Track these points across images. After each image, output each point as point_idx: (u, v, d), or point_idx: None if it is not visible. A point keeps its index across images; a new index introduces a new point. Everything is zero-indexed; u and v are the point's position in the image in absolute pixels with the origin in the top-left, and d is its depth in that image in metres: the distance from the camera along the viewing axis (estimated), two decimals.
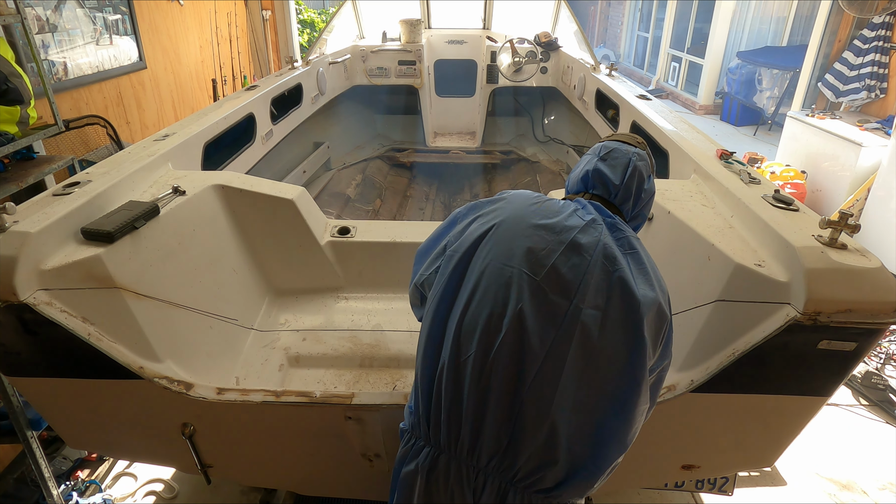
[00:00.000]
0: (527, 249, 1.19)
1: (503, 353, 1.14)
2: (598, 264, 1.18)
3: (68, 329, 1.49)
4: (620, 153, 1.39)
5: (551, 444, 1.13)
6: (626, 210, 1.38)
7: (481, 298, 1.18)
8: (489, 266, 1.20)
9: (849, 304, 1.34)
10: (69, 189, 1.81)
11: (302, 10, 9.20)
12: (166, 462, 2.13)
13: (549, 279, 1.16)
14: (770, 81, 8.44)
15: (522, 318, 1.14)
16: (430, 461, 1.23)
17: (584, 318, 1.14)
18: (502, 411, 1.14)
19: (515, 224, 1.24)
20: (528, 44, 5.21)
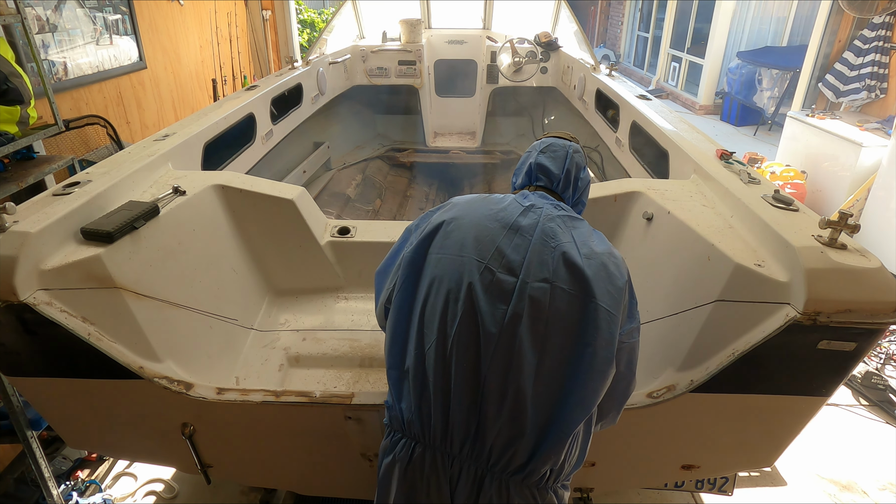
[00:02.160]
0: (474, 238, 1.29)
1: (461, 336, 1.21)
2: (540, 241, 1.28)
3: (68, 329, 1.49)
4: (558, 146, 1.53)
5: (517, 416, 1.19)
6: (567, 197, 1.51)
7: (437, 289, 1.26)
8: (442, 259, 1.29)
9: (849, 304, 1.34)
10: (69, 189, 1.81)
11: (302, 10, 9.20)
12: (166, 462, 2.13)
13: (496, 260, 1.26)
14: (770, 81, 8.44)
15: (474, 300, 1.22)
16: (408, 452, 1.28)
17: (531, 291, 1.22)
18: (467, 394, 1.21)
19: (463, 219, 1.34)
20: (528, 44, 5.21)
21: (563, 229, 1.32)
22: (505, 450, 1.20)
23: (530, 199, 1.40)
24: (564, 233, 1.31)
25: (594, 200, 2.16)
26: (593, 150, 4.41)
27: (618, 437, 1.72)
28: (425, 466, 1.26)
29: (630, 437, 1.71)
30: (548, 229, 1.31)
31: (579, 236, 1.32)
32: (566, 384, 1.20)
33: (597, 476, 1.87)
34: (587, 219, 2.14)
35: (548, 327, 1.21)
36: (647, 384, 1.65)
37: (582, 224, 1.38)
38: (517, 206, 1.37)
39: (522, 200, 1.39)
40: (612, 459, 1.83)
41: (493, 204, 1.38)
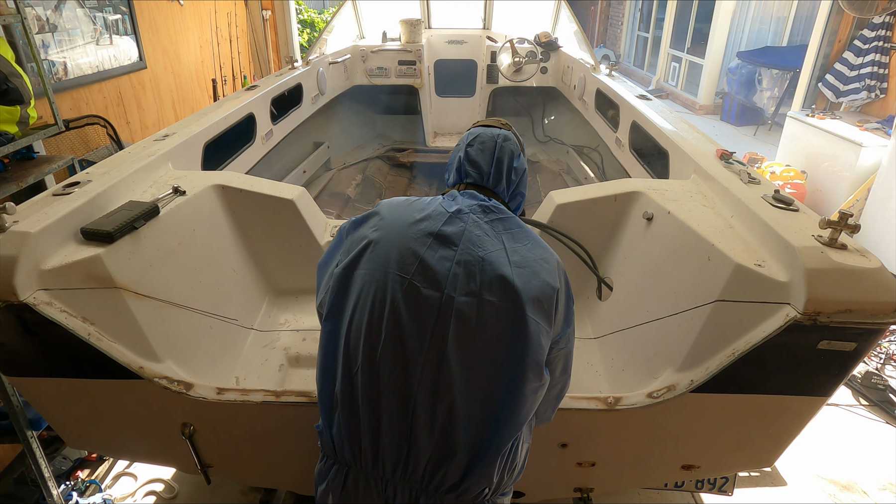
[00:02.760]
0: (398, 252, 1.21)
1: (386, 358, 1.16)
2: (466, 251, 1.20)
3: (68, 329, 1.49)
4: (486, 137, 1.42)
5: (448, 436, 1.15)
6: (501, 191, 1.41)
7: (361, 310, 1.20)
8: (367, 277, 1.21)
9: (849, 304, 1.34)
10: (69, 189, 1.81)
11: (302, 10, 9.20)
12: (166, 462, 2.13)
13: (420, 275, 1.18)
14: (770, 81, 8.44)
15: (399, 319, 1.16)
16: (340, 479, 1.24)
17: (458, 306, 1.16)
18: (397, 416, 1.16)
19: (389, 232, 1.25)
20: (528, 44, 5.21)
21: (491, 236, 1.24)
22: (437, 470, 1.16)
23: (458, 203, 1.30)
24: (493, 240, 1.24)
25: (594, 201, 2.16)
26: (593, 150, 4.41)
27: (618, 437, 1.72)
28: (359, 492, 1.22)
29: (630, 437, 1.71)
30: (475, 238, 1.23)
31: (510, 242, 1.25)
32: (498, 400, 1.16)
33: (597, 476, 1.87)
34: (587, 218, 2.17)
35: (476, 343, 1.16)
36: (647, 384, 1.66)
37: (514, 226, 1.30)
38: (442, 212, 1.27)
39: (449, 205, 1.29)
40: (612, 459, 1.83)
41: (417, 211, 1.28)
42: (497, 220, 1.28)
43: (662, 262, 1.88)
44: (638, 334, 1.89)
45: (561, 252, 2.16)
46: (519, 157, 1.45)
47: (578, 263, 2.13)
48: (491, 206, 1.31)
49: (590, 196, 2.17)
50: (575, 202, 2.16)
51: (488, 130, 1.44)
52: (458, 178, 1.42)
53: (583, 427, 1.68)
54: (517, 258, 1.22)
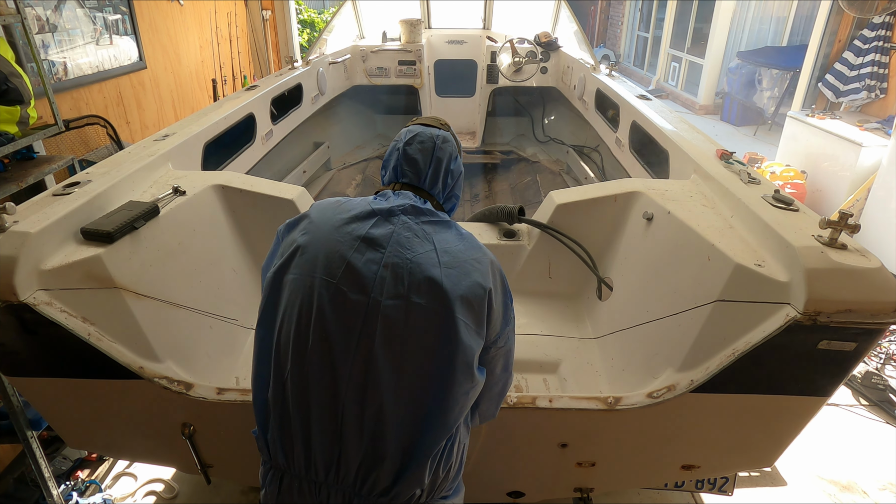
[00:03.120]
0: (325, 255, 1.20)
1: (313, 365, 1.16)
2: (394, 254, 1.19)
3: (68, 329, 1.49)
4: (425, 136, 1.38)
5: (378, 440, 1.15)
6: (436, 193, 1.38)
7: (290, 316, 1.19)
8: (295, 283, 1.21)
9: (849, 304, 1.34)
10: (69, 189, 1.81)
11: (302, 10, 9.20)
12: (166, 462, 2.13)
13: (347, 278, 1.17)
14: (770, 81, 8.44)
15: (325, 325, 1.16)
16: (276, 483, 1.25)
17: (384, 310, 1.15)
18: (327, 420, 1.16)
19: (317, 236, 1.24)
20: (528, 44, 5.21)
21: (421, 237, 1.23)
22: (368, 474, 1.17)
23: (389, 202, 1.28)
24: (423, 241, 1.22)
25: (594, 201, 2.16)
26: (593, 150, 4.41)
27: (618, 437, 1.72)
28: (294, 496, 1.22)
29: (630, 437, 1.71)
30: (403, 240, 1.21)
31: (441, 243, 1.23)
32: (428, 403, 1.16)
33: (597, 476, 1.87)
34: (587, 218, 2.17)
35: (405, 346, 1.15)
36: (647, 384, 1.66)
37: (447, 228, 1.28)
38: (371, 214, 1.25)
39: (379, 206, 1.27)
40: (612, 459, 1.83)
41: (345, 212, 1.26)
42: (429, 223, 1.27)
43: (662, 262, 1.88)
44: (638, 334, 1.89)
45: (561, 252, 2.17)
46: (456, 160, 1.42)
47: (578, 263, 2.13)
48: (424, 209, 1.29)
49: (590, 196, 2.17)
50: (575, 202, 2.16)
51: (428, 130, 1.40)
52: (394, 177, 1.39)
53: (583, 427, 1.68)
54: (448, 259, 1.21)
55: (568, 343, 2.08)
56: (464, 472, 1.80)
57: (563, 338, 2.09)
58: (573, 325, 2.17)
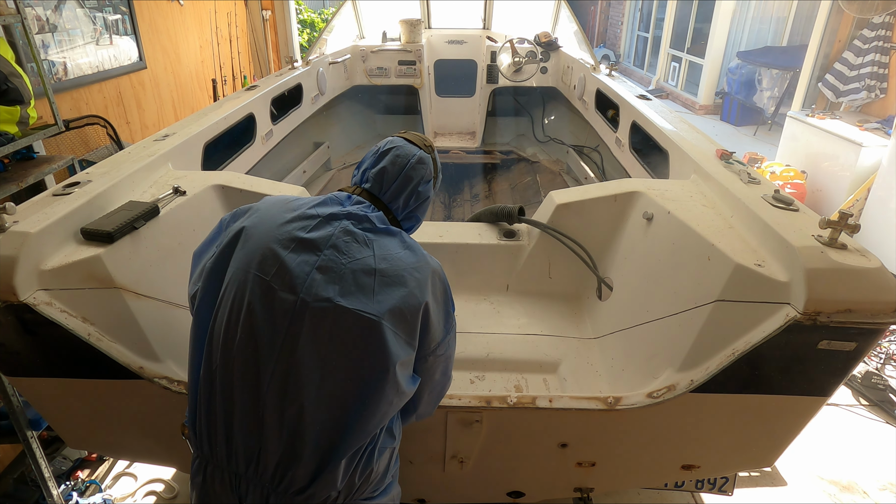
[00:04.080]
0: (262, 252, 1.21)
1: (239, 359, 1.18)
2: (330, 258, 1.20)
3: (68, 329, 1.49)
4: (403, 153, 1.38)
5: (296, 440, 1.17)
6: (395, 208, 1.38)
7: (224, 308, 1.21)
8: (234, 274, 1.22)
9: (849, 304, 1.34)
10: (69, 189, 1.81)
11: (302, 10, 9.20)
12: (166, 462, 2.13)
13: (279, 276, 1.18)
14: (770, 81, 8.44)
15: (253, 320, 1.17)
16: (201, 472, 1.27)
17: (312, 311, 1.16)
18: (249, 415, 1.18)
19: (258, 227, 1.25)
20: (528, 44, 5.21)
21: (361, 243, 1.23)
22: (286, 472, 1.18)
23: (336, 206, 1.29)
24: (362, 247, 1.23)
25: (594, 201, 2.15)
26: (593, 150, 4.41)
27: (618, 437, 1.72)
28: (216, 487, 1.24)
29: (630, 437, 1.71)
30: (340, 244, 1.22)
31: (381, 249, 1.24)
32: (350, 408, 1.17)
33: (597, 476, 1.87)
34: (587, 218, 2.17)
35: (330, 349, 1.16)
36: (647, 384, 1.65)
37: (391, 235, 1.28)
38: (314, 215, 1.26)
39: (323, 208, 1.28)
40: (612, 459, 1.83)
41: (290, 211, 1.27)
42: (371, 230, 1.27)
43: (662, 262, 1.88)
44: (638, 334, 1.89)
45: (561, 252, 2.17)
46: (427, 184, 1.41)
47: (578, 263, 2.13)
48: (370, 217, 1.28)
49: (590, 196, 2.16)
50: (575, 202, 2.16)
51: (408, 147, 1.40)
52: (359, 181, 1.41)
53: (583, 427, 1.68)
54: (385, 266, 1.21)
55: (568, 343, 2.08)
56: (463, 472, 1.81)
57: (563, 338, 2.09)
58: (573, 325, 2.17)
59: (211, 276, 1.26)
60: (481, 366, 1.96)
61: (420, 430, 1.70)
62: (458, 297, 2.24)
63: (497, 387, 1.90)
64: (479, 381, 1.91)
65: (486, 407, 1.60)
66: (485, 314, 2.17)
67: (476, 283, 2.25)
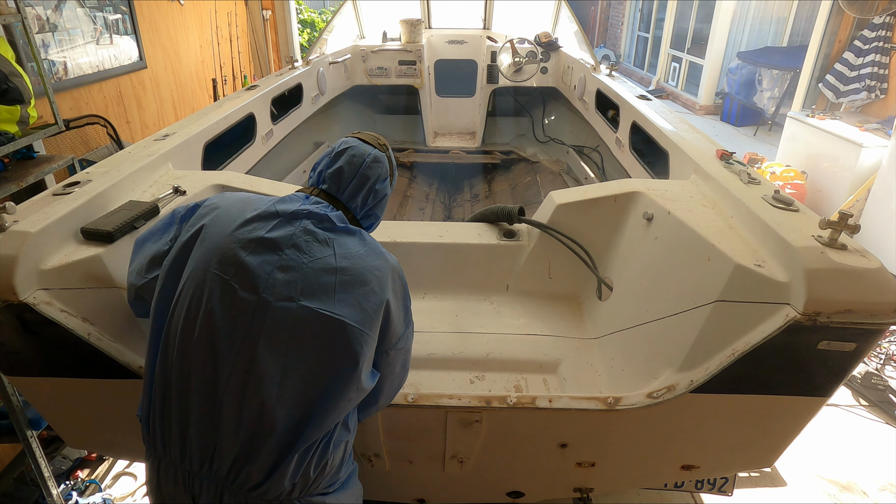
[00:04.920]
0: (221, 251, 1.21)
1: (196, 357, 1.18)
2: (291, 257, 1.20)
3: (68, 329, 1.49)
4: (357, 153, 1.39)
5: (255, 438, 1.17)
6: (353, 207, 1.39)
7: (181, 306, 1.21)
8: (193, 271, 1.22)
9: (849, 304, 1.34)
10: (69, 189, 1.81)
11: (302, 9, 9.20)
12: None
13: (239, 276, 1.18)
14: (770, 82, 8.44)
15: (212, 319, 1.17)
16: (154, 471, 1.27)
17: (273, 311, 1.17)
18: (205, 413, 1.18)
19: (217, 226, 1.25)
20: (529, 44, 5.21)
21: (321, 242, 1.24)
22: (242, 468, 1.18)
23: (295, 205, 1.29)
24: (322, 246, 1.23)
25: (594, 201, 2.15)
26: (593, 151, 4.41)
27: (618, 437, 1.72)
28: (169, 485, 1.24)
29: (630, 437, 1.71)
30: (302, 243, 1.22)
31: (342, 248, 1.25)
32: (311, 405, 1.18)
33: (597, 476, 1.87)
34: (587, 218, 2.17)
35: (291, 348, 1.17)
36: (647, 384, 1.65)
37: (351, 234, 1.30)
38: (274, 214, 1.26)
39: (284, 207, 1.28)
40: (611, 459, 1.83)
41: (250, 210, 1.27)
42: (331, 229, 1.27)
43: (662, 263, 1.88)
44: (638, 334, 1.88)
45: (561, 252, 2.17)
46: (384, 182, 1.43)
47: (578, 263, 2.13)
48: (330, 217, 1.29)
49: (590, 196, 2.16)
50: (575, 202, 2.16)
51: (362, 146, 1.41)
52: (316, 182, 1.41)
53: (583, 427, 1.68)
54: (346, 264, 1.22)
55: (568, 343, 2.08)
56: (463, 471, 1.80)
57: (563, 338, 2.09)
58: (573, 325, 2.17)
59: (170, 274, 1.26)
60: (481, 366, 1.96)
61: (420, 430, 1.70)
62: (459, 296, 2.24)
63: (497, 387, 1.89)
64: (479, 381, 1.91)
65: (485, 407, 1.60)
66: (485, 314, 2.17)
67: (476, 283, 2.25)
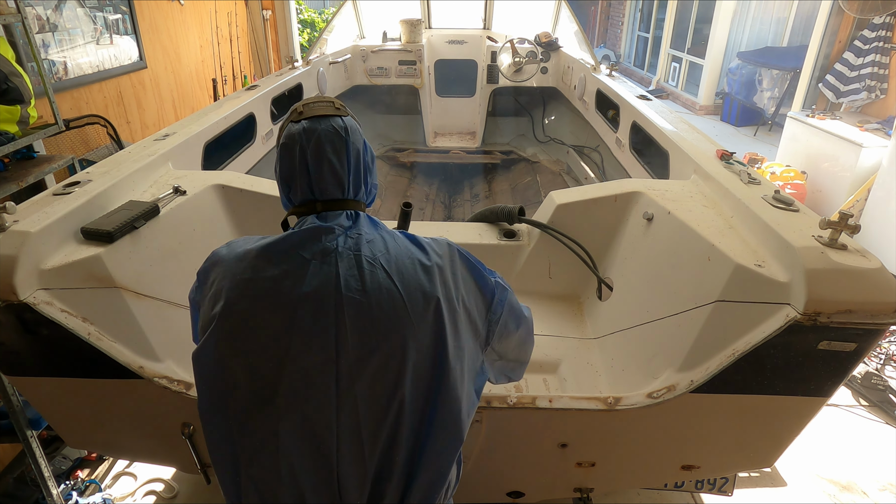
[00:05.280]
0: (262, 333, 1.01)
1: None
2: (337, 298, 1.01)
3: (68, 329, 1.49)
4: (329, 131, 1.11)
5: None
6: (361, 196, 1.17)
7: (244, 392, 1.03)
8: (235, 365, 1.03)
9: (849, 304, 1.34)
10: (69, 189, 1.81)
11: (302, 9, 9.20)
12: (166, 462, 2.13)
13: (301, 350, 1.00)
14: (770, 82, 8.44)
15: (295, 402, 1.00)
16: None
17: (353, 368, 1.00)
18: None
19: (241, 306, 1.04)
20: (529, 44, 5.21)
21: (368, 265, 1.05)
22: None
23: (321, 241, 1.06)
24: (371, 266, 1.04)
25: (594, 201, 2.15)
26: (593, 151, 4.41)
27: (618, 437, 1.72)
28: None
29: (630, 437, 1.71)
30: (347, 282, 1.02)
31: (397, 251, 1.07)
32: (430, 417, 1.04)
33: (597, 476, 1.87)
34: (587, 218, 2.17)
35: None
36: (647, 384, 1.65)
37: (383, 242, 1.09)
38: (302, 261, 1.04)
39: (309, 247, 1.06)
40: (612, 459, 1.83)
41: (271, 266, 1.05)
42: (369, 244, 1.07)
43: (662, 263, 1.88)
44: (638, 334, 1.89)
45: (561, 252, 2.17)
46: (367, 146, 1.19)
47: (578, 263, 2.12)
48: (352, 231, 1.09)
49: (590, 196, 2.16)
50: (575, 202, 2.16)
51: (326, 122, 1.13)
52: (310, 196, 1.14)
53: (583, 427, 1.68)
54: (411, 265, 1.06)
55: (568, 343, 2.08)
56: (464, 471, 1.80)
57: (563, 338, 2.09)
58: (573, 325, 2.17)
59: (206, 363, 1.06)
60: None
61: None
62: None
63: (497, 387, 1.89)
64: None
65: (485, 407, 1.60)
66: None
67: None
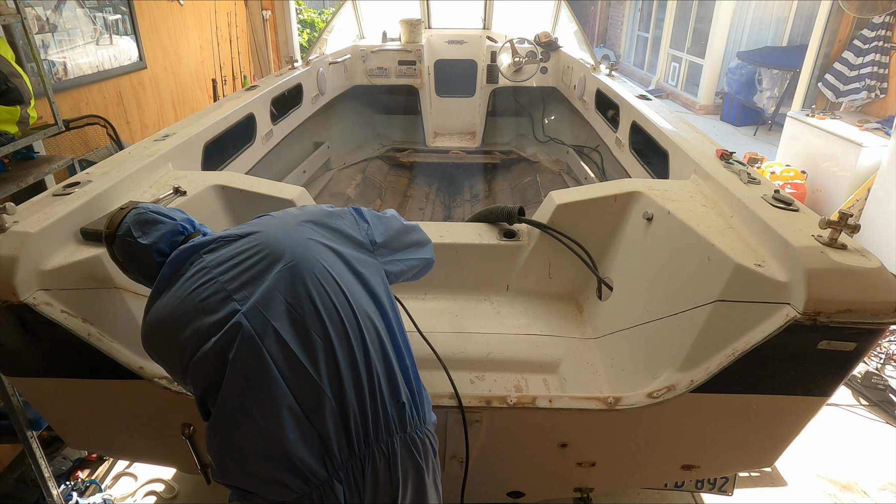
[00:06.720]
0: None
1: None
2: (250, 308, 1.23)
3: (68, 329, 1.49)
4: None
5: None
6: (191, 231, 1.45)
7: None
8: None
9: (849, 304, 1.34)
10: (69, 189, 1.81)
11: (302, 10, 9.20)
12: (166, 462, 2.13)
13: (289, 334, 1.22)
14: (770, 81, 8.44)
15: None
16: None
17: (280, 328, 1.21)
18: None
19: (170, 351, 1.31)
20: (529, 44, 5.21)
21: (243, 265, 1.29)
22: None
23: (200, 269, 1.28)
24: (251, 268, 1.28)
25: (594, 201, 2.15)
26: (593, 150, 4.41)
27: (618, 437, 1.72)
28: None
29: (630, 437, 1.71)
30: (231, 276, 1.26)
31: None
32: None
33: (597, 476, 1.87)
34: (587, 218, 2.17)
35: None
36: (647, 384, 1.65)
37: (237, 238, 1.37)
38: (214, 291, 1.25)
39: (197, 280, 1.26)
40: (612, 459, 1.83)
41: (193, 324, 1.24)
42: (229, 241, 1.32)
43: (662, 263, 1.88)
44: (638, 334, 1.89)
45: (561, 252, 2.17)
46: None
47: (578, 263, 2.12)
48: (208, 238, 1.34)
49: (590, 196, 2.16)
50: (575, 202, 2.16)
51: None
52: (192, 228, 1.42)
53: (583, 427, 1.68)
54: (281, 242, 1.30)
55: (568, 343, 2.08)
56: (464, 472, 1.80)
57: (563, 338, 2.09)
58: (573, 325, 2.17)
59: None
60: (481, 366, 1.96)
61: None
62: (459, 297, 2.24)
63: (497, 387, 1.90)
64: (479, 381, 1.91)
65: (486, 407, 1.60)
66: (485, 314, 2.17)
67: (476, 283, 2.25)
